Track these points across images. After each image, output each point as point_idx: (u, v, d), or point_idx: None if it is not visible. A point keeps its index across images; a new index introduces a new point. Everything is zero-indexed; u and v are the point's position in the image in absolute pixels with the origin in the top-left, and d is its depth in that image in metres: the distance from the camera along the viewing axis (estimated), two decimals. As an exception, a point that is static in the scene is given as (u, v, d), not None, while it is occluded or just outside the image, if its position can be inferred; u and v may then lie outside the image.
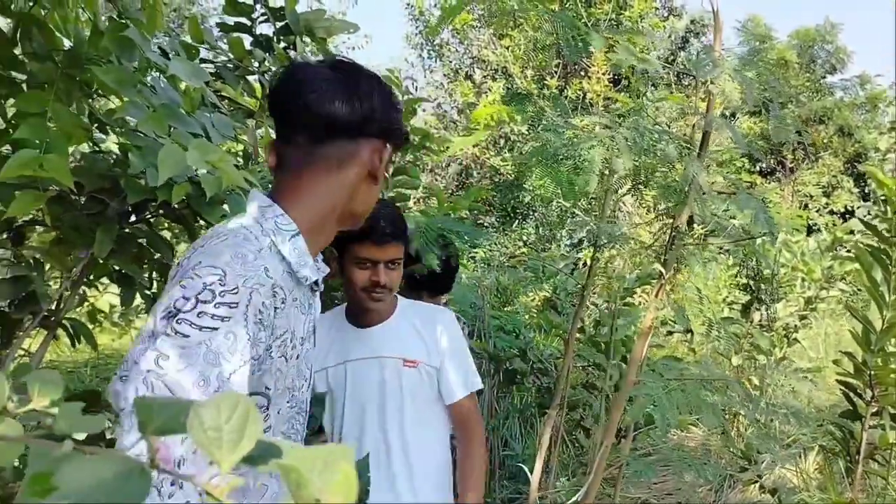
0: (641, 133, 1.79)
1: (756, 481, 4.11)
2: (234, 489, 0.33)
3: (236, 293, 0.95)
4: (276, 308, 1.03)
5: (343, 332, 1.89)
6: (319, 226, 1.14)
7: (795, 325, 5.53)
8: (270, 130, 2.29)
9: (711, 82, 1.79)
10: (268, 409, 1.09)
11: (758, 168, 17.36)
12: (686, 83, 11.06)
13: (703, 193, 1.76)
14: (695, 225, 2.31)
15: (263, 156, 2.10)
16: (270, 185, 1.21)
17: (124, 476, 0.32)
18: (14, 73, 1.85)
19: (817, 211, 17.69)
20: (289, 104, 1.12)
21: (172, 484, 0.83)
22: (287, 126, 1.15)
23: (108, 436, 1.70)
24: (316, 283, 1.18)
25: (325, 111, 1.09)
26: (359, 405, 1.83)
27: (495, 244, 9.24)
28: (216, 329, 0.92)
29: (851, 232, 6.37)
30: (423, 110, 11.31)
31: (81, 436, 0.38)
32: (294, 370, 1.15)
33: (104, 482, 0.31)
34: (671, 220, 2.03)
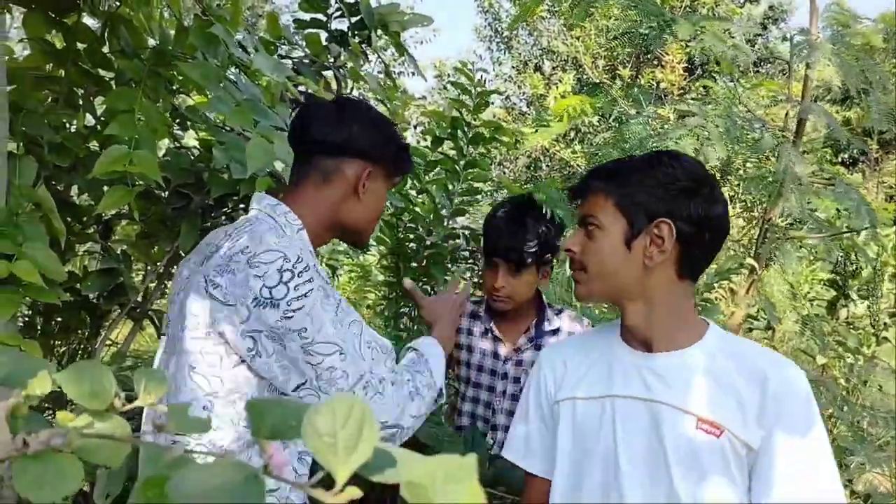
0: (734, 121, 1.71)
1: (846, 485, 3.93)
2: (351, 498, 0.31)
3: (301, 261, 1.17)
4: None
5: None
6: (313, 229, 1.33)
7: (885, 323, 5.26)
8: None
9: (809, 66, 1.69)
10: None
11: (840, 158, 16.61)
12: (765, 70, 10.66)
13: (801, 184, 1.65)
14: (778, 218, 2.19)
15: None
16: None
17: (238, 483, 0.30)
18: (102, 72, 1.90)
19: (905, 203, 16.82)
20: (295, 129, 1.38)
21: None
22: (294, 146, 1.40)
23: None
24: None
25: (315, 132, 1.34)
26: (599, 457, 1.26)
27: (564, 237, 9.11)
28: (311, 290, 1.15)
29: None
30: (492, 103, 11.25)
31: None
32: None
33: (218, 489, 0.29)
34: (760, 213, 1.93)
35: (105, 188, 1.78)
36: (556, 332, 2.04)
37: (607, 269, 1.20)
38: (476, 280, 3.45)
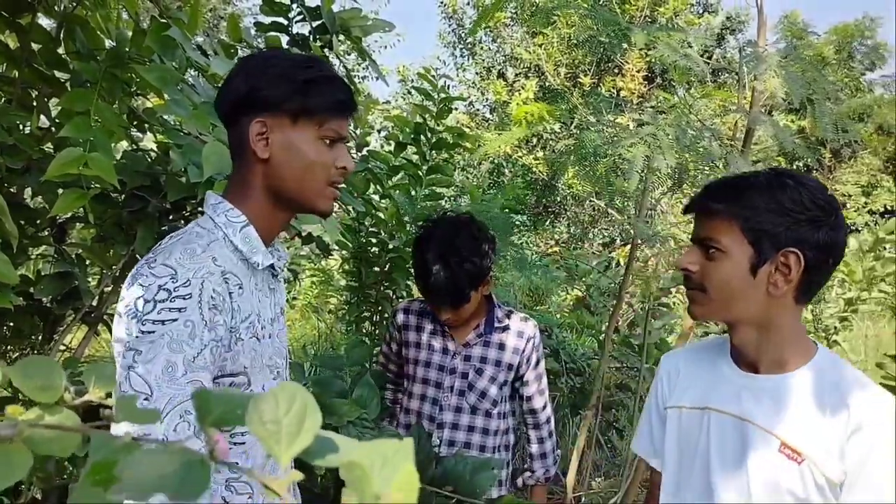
0: (684, 130, 1.76)
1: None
2: (293, 481, 0.32)
3: (188, 286, 1.05)
4: (230, 293, 1.12)
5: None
6: (260, 214, 1.21)
7: (836, 327, 5.41)
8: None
9: (756, 77, 1.75)
10: (249, 385, 1.19)
11: (794, 166, 17.05)
12: (722, 80, 10.89)
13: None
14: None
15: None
16: None
17: (185, 469, 0.31)
18: (58, 73, 1.88)
19: (856, 211, 17.31)
20: None
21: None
22: None
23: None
24: (272, 266, 1.26)
25: (214, 107, 1.23)
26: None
27: (527, 243, 9.19)
28: (175, 320, 1.03)
29: (892, 232, 6.21)
30: (456, 109, 11.31)
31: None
32: (270, 349, 1.25)
33: (167, 474, 0.30)
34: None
35: (60, 191, 1.76)
36: (505, 328, 2.09)
37: (731, 294, 1.19)
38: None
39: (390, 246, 3.21)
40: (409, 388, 2.16)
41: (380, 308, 3.39)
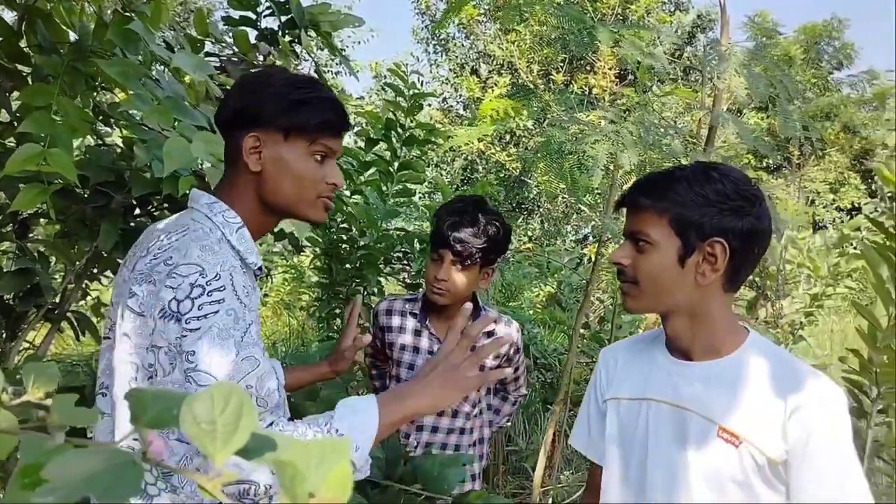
0: (647, 128, 1.78)
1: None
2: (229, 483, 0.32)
3: (219, 279, 1.08)
4: (246, 288, 1.15)
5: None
6: (251, 218, 1.25)
7: (801, 322, 5.50)
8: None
9: (718, 77, 1.78)
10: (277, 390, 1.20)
11: (764, 164, 17.28)
12: (693, 78, 11.01)
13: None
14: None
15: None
16: None
17: (116, 469, 0.31)
18: (19, 66, 1.85)
19: (824, 207, 17.61)
20: None
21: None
22: None
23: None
24: (259, 268, 1.30)
25: (214, 118, 1.28)
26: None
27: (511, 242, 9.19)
28: (217, 312, 1.06)
29: (858, 229, 6.33)
30: (429, 105, 11.29)
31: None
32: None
33: (96, 475, 0.30)
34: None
35: (21, 186, 1.73)
36: (490, 333, 2.07)
37: (661, 285, 1.23)
38: (408, 281, 3.47)
39: (361, 242, 3.20)
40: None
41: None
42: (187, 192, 1.77)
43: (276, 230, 2.51)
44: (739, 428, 1.18)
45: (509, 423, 2.36)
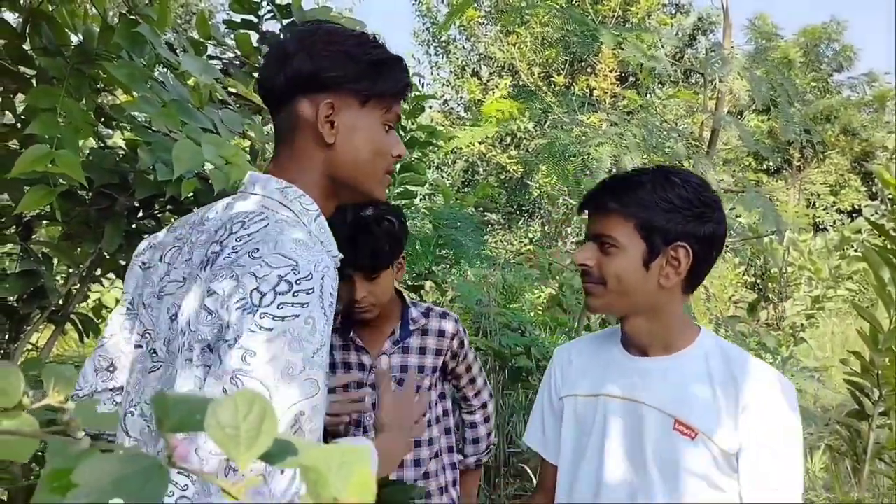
0: (650, 130, 1.78)
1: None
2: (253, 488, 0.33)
3: (311, 279, 0.94)
4: (333, 297, 0.99)
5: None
6: (321, 203, 1.12)
7: (802, 324, 5.51)
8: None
9: (720, 80, 1.79)
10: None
11: (764, 166, 17.30)
12: (694, 81, 11.03)
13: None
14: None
15: (271, 151, 2.10)
16: None
17: (143, 474, 0.32)
18: (23, 69, 1.85)
19: (824, 210, 17.63)
20: (260, 86, 1.15)
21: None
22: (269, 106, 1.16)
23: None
24: (339, 265, 1.14)
25: (264, 83, 1.12)
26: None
27: (501, 241, 9.22)
28: (297, 316, 0.91)
29: (859, 231, 6.34)
30: (430, 107, 11.30)
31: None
32: None
33: (123, 480, 0.31)
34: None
35: (26, 188, 1.73)
36: (424, 330, 1.91)
37: (626, 287, 1.25)
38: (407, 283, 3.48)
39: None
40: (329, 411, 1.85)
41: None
42: (190, 194, 1.78)
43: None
44: (695, 421, 1.21)
45: (491, 452, 2.17)
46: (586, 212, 1.34)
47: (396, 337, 1.89)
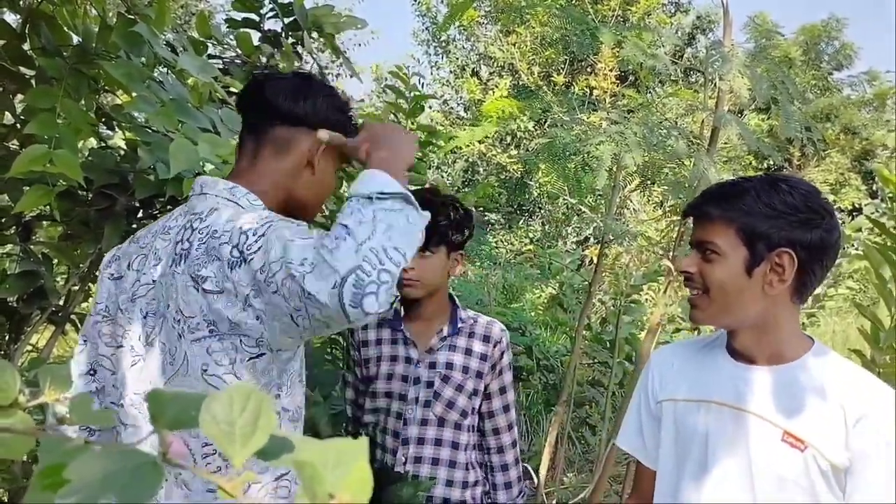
0: (651, 129, 1.78)
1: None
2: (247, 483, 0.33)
3: (262, 218, 1.12)
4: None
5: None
6: (271, 206, 1.26)
7: (803, 323, 5.51)
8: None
9: (721, 78, 1.78)
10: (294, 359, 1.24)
11: (765, 165, 17.29)
12: (693, 80, 11.02)
13: (713, 189, 1.75)
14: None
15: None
16: None
17: (136, 469, 0.31)
18: (23, 69, 1.85)
19: (825, 208, 17.57)
20: (252, 97, 1.31)
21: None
22: (248, 115, 1.32)
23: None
24: None
25: (275, 101, 1.27)
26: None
27: (501, 241, 9.22)
28: (270, 224, 1.09)
29: (860, 229, 6.33)
30: (430, 107, 11.30)
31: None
32: None
33: (116, 475, 0.30)
34: (679, 217, 2.01)
35: (25, 188, 1.73)
36: (471, 331, 1.95)
37: (728, 295, 1.23)
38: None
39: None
40: (372, 403, 1.96)
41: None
42: (189, 195, 1.78)
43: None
44: (804, 433, 1.19)
45: (525, 495, 2.08)
46: (690, 219, 1.34)
47: (445, 333, 1.93)
